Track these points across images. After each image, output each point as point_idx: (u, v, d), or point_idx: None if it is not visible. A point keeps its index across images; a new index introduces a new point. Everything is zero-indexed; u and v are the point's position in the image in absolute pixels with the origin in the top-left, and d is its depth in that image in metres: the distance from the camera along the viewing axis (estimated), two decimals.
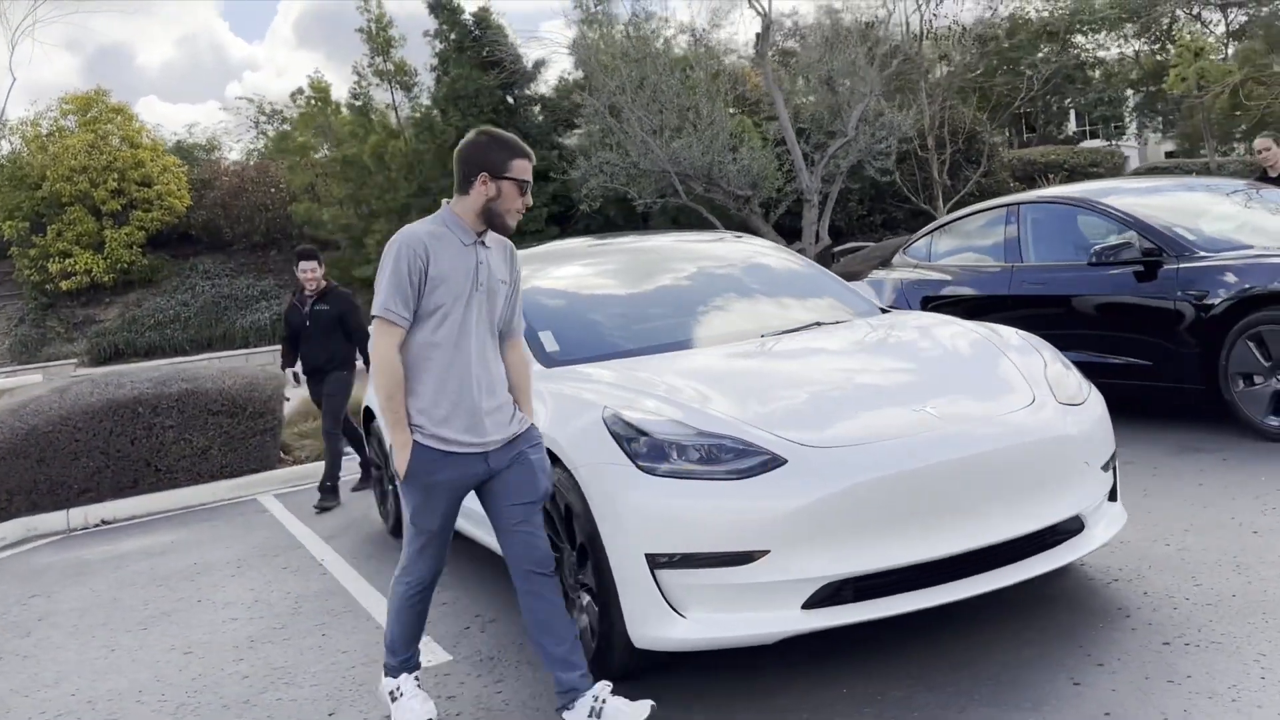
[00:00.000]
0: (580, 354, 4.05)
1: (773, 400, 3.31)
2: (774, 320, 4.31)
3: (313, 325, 7.61)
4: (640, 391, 3.44)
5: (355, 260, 22.04)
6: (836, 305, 4.54)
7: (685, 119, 14.16)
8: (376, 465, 6.52)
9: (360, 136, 21.48)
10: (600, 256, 5.04)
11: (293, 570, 5.82)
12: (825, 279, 4.83)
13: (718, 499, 2.99)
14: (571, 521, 3.40)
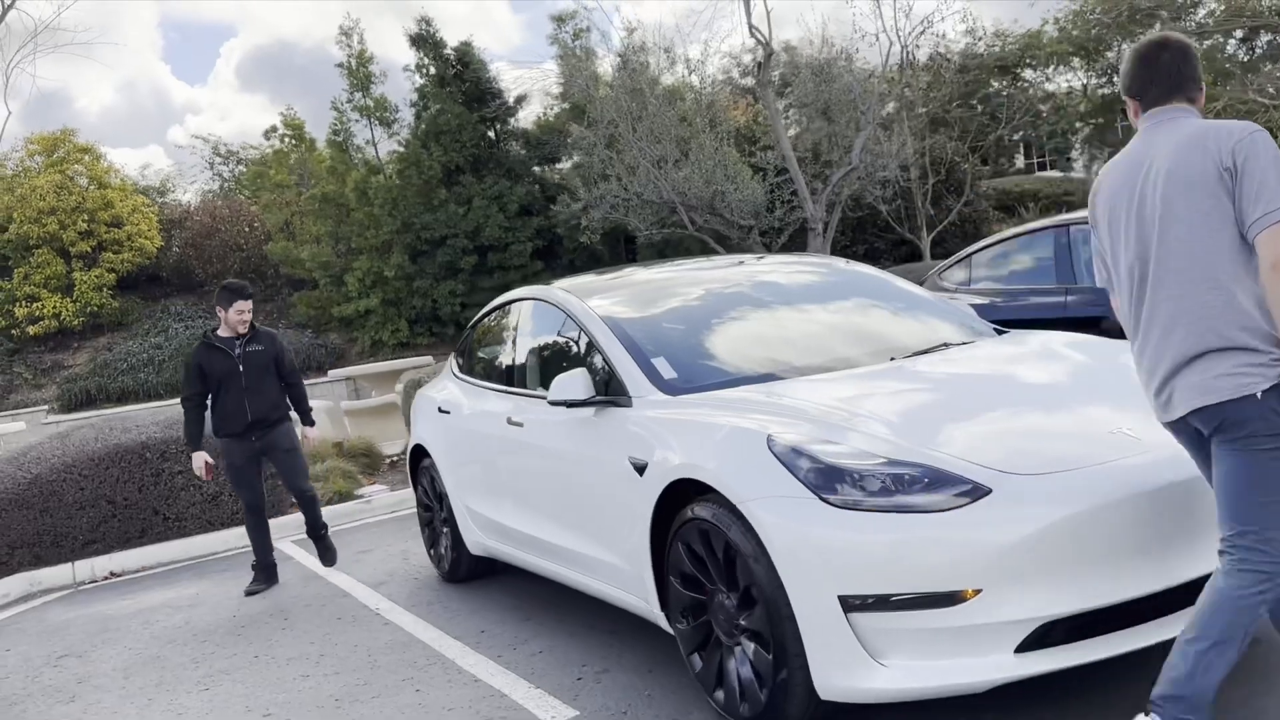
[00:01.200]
0: (703, 381, 3.81)
1: (947, 425, 3.09)
2: (896, 341, 4.10)
3: (247, 370, 6.34)
4: (798, 418, 3.20)
5: (335, 298, 21.59)
6: (951, 324, 4.34)
7: (685, 149, 14.05)
8: (425, 506, 6.18)
9: (340, 173, 21.12)
10: (682, 283, 4.80)
11: (349, 621, 5.46)
12: (926, 297, 4.64)
13: (920, 533, 2.75)
14: (731, 562, 3.13)
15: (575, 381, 3.93)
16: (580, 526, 4.11)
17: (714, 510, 3.17)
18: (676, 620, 3.47)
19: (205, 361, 6.36)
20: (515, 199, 19.93)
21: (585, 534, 4.07)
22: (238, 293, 6.43)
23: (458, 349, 6.18)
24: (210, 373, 6.33)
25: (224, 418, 6.36)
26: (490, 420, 4.98)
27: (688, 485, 3.35)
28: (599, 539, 3.97)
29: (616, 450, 3.76)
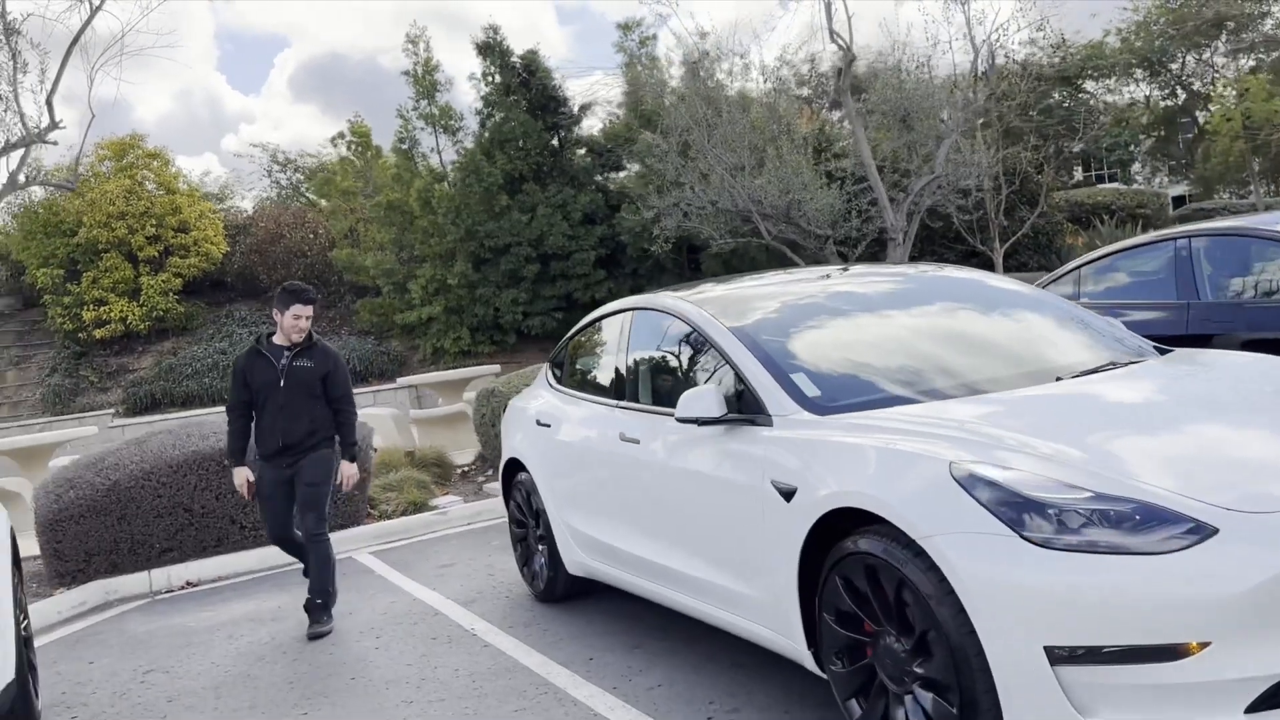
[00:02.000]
0: (850, 399, 3.52)
1: (1147, 455, 2.78)
2: (1056, 359, 3.79)
3: (288, 386, 5.65)
4: (978, 443, 2.90)
5: (398, 306, 21.59)
6: (1109, 341, 4.02)
7: (760, 157, 13.77)
8: (519, 522, 5.95)
9: (405, 180, 21.14)
10: (805, 293, 4.52)
11: (445, 641, 5.24)
12: (1073, 310, 4.32)
13: (1137, 578, 2.44)
14: (904, 602, 2.84)
15: (707, 398, 3.67)
16: (704, 551, 3.85)
17: (884, 545, 2.89)
18: (830, 662, 3.18)
19: (249, 368, 5.73)
20: (579, 207, 19.78)
21: (710, 560, 3.81)
22: (297, 295, 5.71)
23: (553, 360, 5.95)
24: (251, 382, 5.71)
25: (258, 435, 5.75)
26: (598, 436, 4.74)
27: (845, 514, 3.08)
28: (727, 566, 3.70)
29: (754, 473, 3.49)
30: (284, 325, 5.73)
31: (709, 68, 14.48)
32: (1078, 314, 4.29)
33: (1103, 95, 37.04)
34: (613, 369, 4.88)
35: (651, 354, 4.58)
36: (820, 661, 3.25)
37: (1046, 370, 3.63)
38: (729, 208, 13.64)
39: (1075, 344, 3.94)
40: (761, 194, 13.16)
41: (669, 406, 4.22)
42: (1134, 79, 45.53)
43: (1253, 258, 6.60)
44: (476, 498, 9.67)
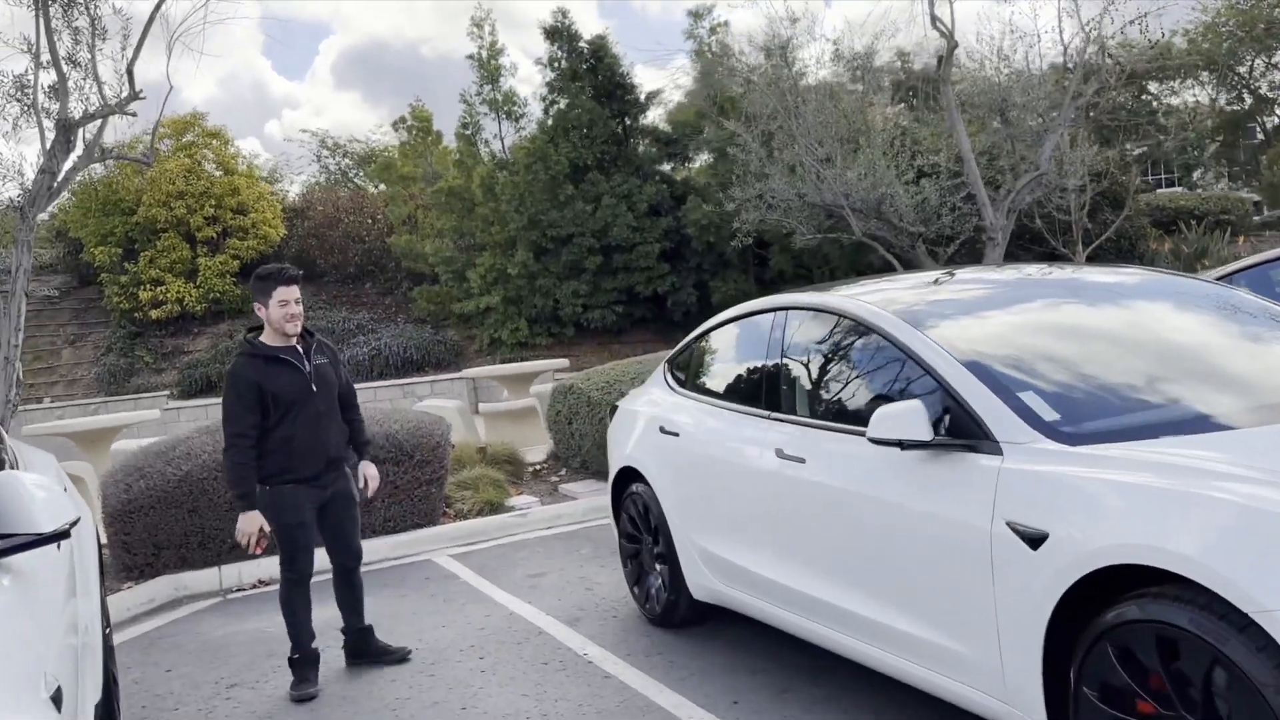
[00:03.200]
0: (1101, 426, 2.96)
1: None
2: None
3: (321, 390, 4.77)
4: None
5: (456, 294, 21.22)
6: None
7: (853, 148, 13.17)
8: (631, 538, 5.45)
9: (467, 167, 20.74)
10: (1002, 297, 3.95)
11: (559, 668, 4.74)
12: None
13: None
14: (1211, 683, 2.29)
15: (910, 417, 3.13)
16: (896, 596, 3.31)
17: (1191, 614, 2.33)
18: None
19: (264, 379, 4.58)
20: (644, 198, 19.26)
21: (904, 606, 3.27)
22: (278, 278, 4.65)
23: (674, 361, 5.43)
24: (272, 394, 4.59)
25: (293, 456, 4.65)
26: (745, 450, 4.21)
27: (1115, 569, 2.53)
28: (930, 615, 3.16)
29: (979, 510, 2.95)
30: (273, 318, 4.63)
31: (793, 55, 13.88)
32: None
33: (1167, 97, 35.94)
34: (761, 375, 4.34)
35: (816, 361, 4.04)
36: None
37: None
38: (816, 201, 13.04)
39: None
40: (852, 188, 12.55)
41: (841, 422, 3.70)
42: (1200, 82, 44.27)
43: None
44: (552, 499, 9.21)
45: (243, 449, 4.60)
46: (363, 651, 5.14)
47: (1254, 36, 41.90)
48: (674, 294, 19.60)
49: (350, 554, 5.05)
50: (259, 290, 4.70)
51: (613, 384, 9.51)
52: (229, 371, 4.64)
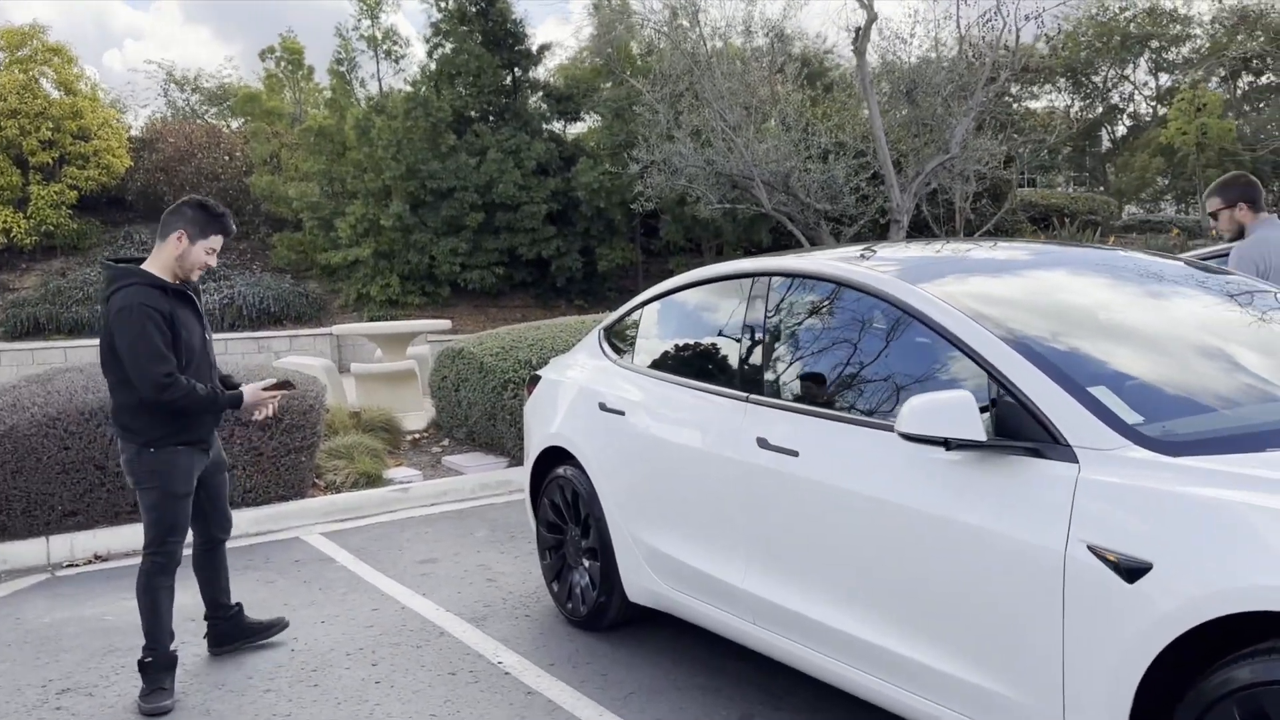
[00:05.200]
0: (1200, 433, 2.46)
1: None
2: None
3: (209, 338, 4.22)
4: None
5: (321, 244, 19.81)
6: None
7: (757, 117, 12.70)
8: (553, 527, 4.77)
9: (340, 106, 19.31)
10: (1036, 269, 3.44)
11: (469, 680, 4.04)
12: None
13: None
14: None
15: (958, 410, 2.57)
16: (920, 621, 2.77)
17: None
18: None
19: (173, 315, 3.89)
20: (532, 156, 18.32)
21: (932, 635, 2.73)
22: (222, 223, 4.08)
23: (612, 328, 4.76)
24: (184, 337, 3.93)
25: (187, 413, 3.98)
26: (717, 438, 3.60)
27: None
28: (967, 648, 2.63)
29: (1048, 527, 2.43)
30: (190, 257, 3.97)
31: (702, 16, 13.26)
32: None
33: (1027, 100, 37.27)
34: (737, 351, 3.73)
35: (813, 337, 3.44)
36: None
37: None
38: (725, 170, 12.51)
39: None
40: (762, 159, 12.08)
41: (847, 410, 3.13)
42: (1058, 88, 46.31)
43: None
44: (436, 472, 8.42)
45: (179, 382, 3.85)
46: (234, 635, 4.46)
47: (1109, 47, 44.00)
48: (559, 259, 18.80)
49: (225, 523, 4.43)
50: (196, 223, 3.98)
51: (508, 349, 8.75)
52: (134, 304, 3.79)
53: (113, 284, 3.88)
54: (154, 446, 3.93)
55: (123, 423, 3.96)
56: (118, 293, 3.84)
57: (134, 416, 3.92)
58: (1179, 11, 36.78)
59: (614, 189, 17.65)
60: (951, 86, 12.88)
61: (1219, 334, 3.00)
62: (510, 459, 8.42)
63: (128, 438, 3.95)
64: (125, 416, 3.94)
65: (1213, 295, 3.29)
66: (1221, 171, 31.27)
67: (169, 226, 3.97)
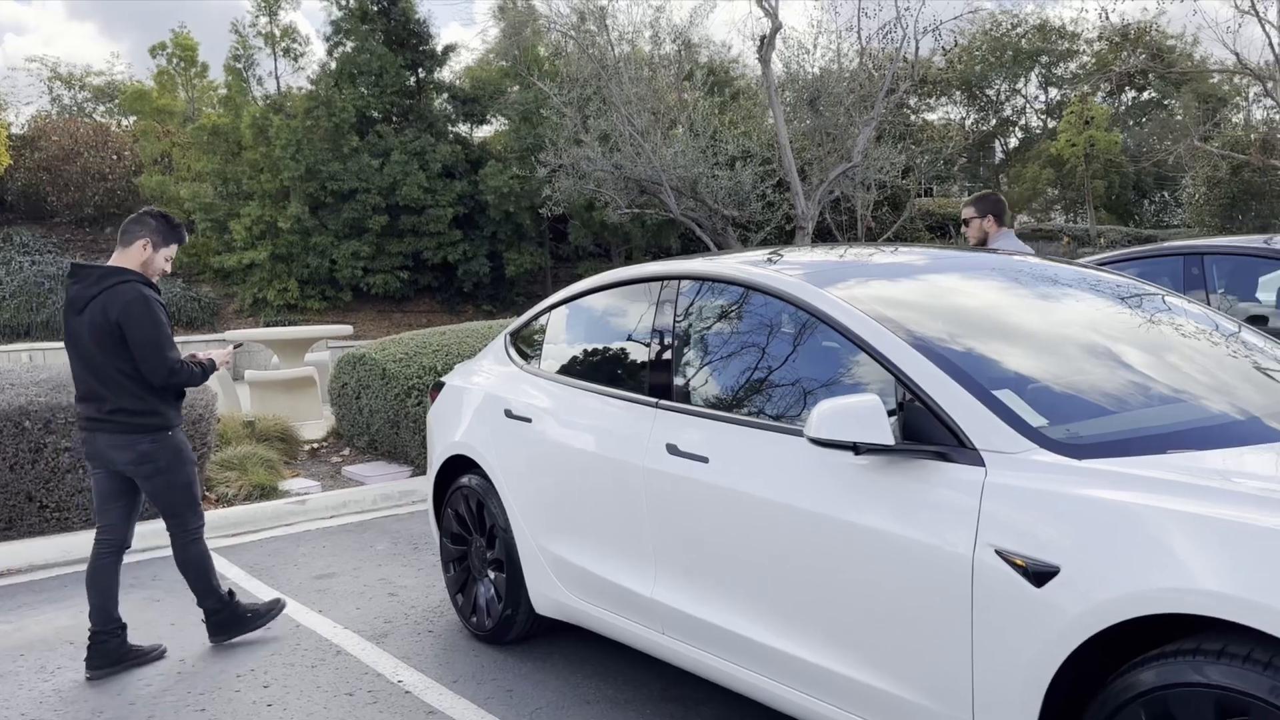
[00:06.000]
0: (1103, 435, 2.48)
1: None
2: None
3: None
4: None
5: (214, 246, 19.12)
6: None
7: (672, 121, 12.68)
8: (457, 538, 4.63)
9: (236, 105, 18.67)
10: (933, 273, 3.45)
11: (369, 702, 3.88)
12: (1241, 326, 3.47)
13: None
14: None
15: (867, 414, 2.55)
16: (830, 629, 2.73)
17: (1274, 682, 1.86)
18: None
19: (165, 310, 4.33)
20: (438, 158, 18.00)
21: (842, 643, 2.70)
22: (179, 233, 4.48)
23: (519, 333, 4.65)
24: None
25: (180, 400, 4.38)
26: (625, 444, 3.52)
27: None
28: (877, 656, 2.61)
29: (952, 532, 2.42)
30: (153, 264, 4.33)
31: (609, 21, 13.16)
32: (1221, 320, 3.43)
33: (923, 112, 38.43)
34: (646, 355, 3.66)
35: (721, 342, 3.39)
36: None
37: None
38: (634, 175, 12.47)
39: (1264, 359, 3.07)
40: (670, 164, 12.07)
41: (756, 416, 3.09)
42: (954, 101, 47.84)
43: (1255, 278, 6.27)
44: (335, 483, 8.16)
45: (186, 364, 4.23)
46: (119, 656, 4.31)
47: (1002, 62, 45.62)
48: (465, 263, 18.51)
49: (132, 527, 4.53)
50: (160, 232, 4.36)
51: (413, 355, 8.53)
52: (142, 298, 4.11)
53: (104, 282, 4.12)
54: (170, 429, 4.27)
55: (134, 413, 4.16)
56: (116, 288, 4.09)
57: (147, 404, 4.18)
58: (1067, 29, 38.27)
59: (522, 193, 17.48)
60: (853, 97, 13.11)
61: (1114, 336, 3.05)
62: (414, 468, 8.21)
63: (141, 428, 4.17)
64: (137, 405, 4.16)
65: (1106, 299, 3.35)
66: (1107, 183, 32.65)
67: (133, 234, 4.28)
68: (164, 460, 4.23)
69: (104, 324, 4.06)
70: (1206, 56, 33.00)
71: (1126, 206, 34.73)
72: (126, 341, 4.08)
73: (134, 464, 4.19)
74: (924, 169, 23.08)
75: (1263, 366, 3.07)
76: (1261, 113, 28.02)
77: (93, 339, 4.09)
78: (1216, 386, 2.82)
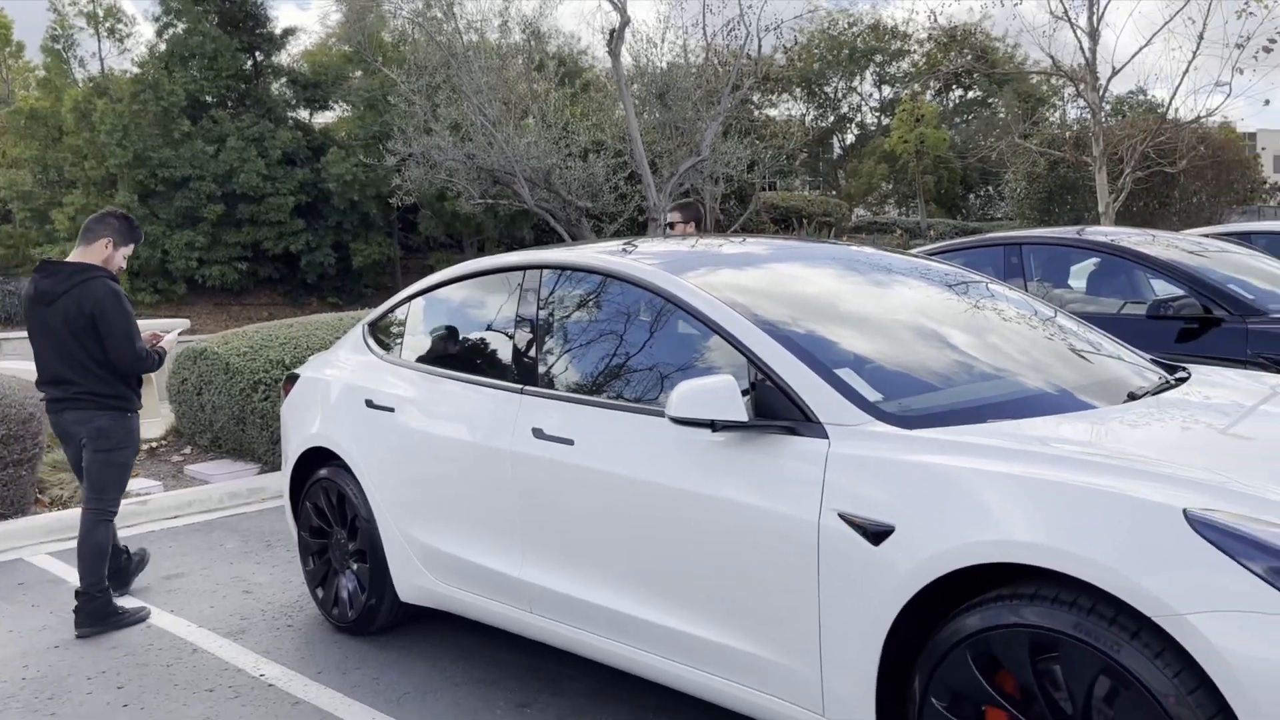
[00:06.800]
0: (931, 407, 2.74)
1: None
2: (1106, 371, 3.24)
3: None
4: (1179, 480, 2.22)
5: (35, 237, 17.94)
6: (1125, 351, 3.56)
7: (524, 111, 12.66)
8: (317, 531, 4.60)
9: (56, 87, 17.53)
10: (782, 262, 3.67)
11: (229, 695, 3.83)
12: (1042, 307, 3.83)
13: None
14: (1092, 694, 2.12)
15: (723, 394, 2.73)
16: (692, 597, 2.91)
17: (1077, 619, 2.13)
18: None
19: None
20: (278, 145, 17.41)
21: (704, 609, 2.88)
22: (137, 234, 4.97)
23: (378, 324, 4.65)
24: None
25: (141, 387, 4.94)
26: (490, 430, 3.60)
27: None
28: (736, 619, 2.80)
29: (801, 500, 2.62)
30: (114, 261, 4.78)
31: (452, 7, 13.01)
32: (1057, 312, 3.80)
33: (766, 108, 39.62)
34: (510, 343, 3.74)
35: (584, 329, 3.51)
36: None
37: (1109, 384, 3.07)
38: (486, 165, 12.41)
39: (1098, 352, 3.43)
40: (523, 155, 12.07)
41: (620, 399, 3.24)
42: (794, 97, 49.47)
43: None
44: (178, 482, 7.88)
45: (150, 353, 4.69)
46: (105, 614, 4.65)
47: (839, 60, 47.41)
48: (309, 254, 17.99)
49: None
50: (121, 232, 4.78)
51: (258, 349, 8.30)
52: (113, 293, 4.57)
53: (75, 278, 4.51)
54: (131, 411, 4.72)
55: (100, 395, 4.57)
56: (88, 283, 4.49)
57: (114, 388, 4.60)
58: (900, 29, 40.04)
59: (369, 182, 17.12)
60: (700, 92, 13.45)
61: (941, 320, 3.34)
62: (262, 465, 8.00)
63: (103, 406, 4.59)
64: (103, 389, 4.58)
65: (935, 286, 3.65)
66: (937, 178, 34.43)
67: (96, 234, 4.67)
68: (117, 439, 4.64)
69: (78, 316, 4.46)
70: (1026, 58, 35.22)
71: (955, 200, 36.76)
72: (98, 331, 4.48)
73: (90, 437, 4.59)
74: (768, 164, 23.80)
75: (1075, 347, 3.42)
76: (1075, 112, 30.16)
77: (67, 330, 4.47)
78: (1032, 364, 3.14)
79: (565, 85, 14.66)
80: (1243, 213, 26.69)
